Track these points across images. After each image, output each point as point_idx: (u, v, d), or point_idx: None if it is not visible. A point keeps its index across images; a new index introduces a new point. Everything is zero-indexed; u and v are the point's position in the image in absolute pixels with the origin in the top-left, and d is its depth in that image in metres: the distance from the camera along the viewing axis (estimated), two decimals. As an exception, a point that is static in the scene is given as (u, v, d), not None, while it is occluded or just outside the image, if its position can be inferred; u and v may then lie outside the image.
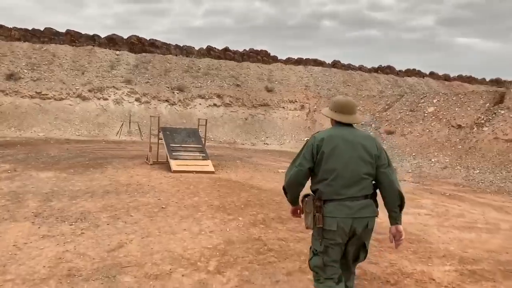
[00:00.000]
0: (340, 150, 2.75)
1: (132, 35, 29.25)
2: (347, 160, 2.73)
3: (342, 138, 2.79)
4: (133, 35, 29.44)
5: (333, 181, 2.72)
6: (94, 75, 23.37)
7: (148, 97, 22.94)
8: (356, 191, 2.72)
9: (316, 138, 2.82)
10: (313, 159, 2.78)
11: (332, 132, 2.86)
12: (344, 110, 2.89)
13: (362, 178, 2.73)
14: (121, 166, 10.94)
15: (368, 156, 2.76)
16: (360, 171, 2.73)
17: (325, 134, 2.83)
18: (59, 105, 21.21)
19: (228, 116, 23.44)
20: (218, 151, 16.60)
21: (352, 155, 2.74)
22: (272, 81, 26.75)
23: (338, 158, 2.74)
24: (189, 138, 11.74)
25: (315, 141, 2.80)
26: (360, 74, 31.07)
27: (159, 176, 9.72)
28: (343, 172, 2.72)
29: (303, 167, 2.79)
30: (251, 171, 11.58)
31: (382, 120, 19.83)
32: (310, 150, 2.80)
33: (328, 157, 2.74)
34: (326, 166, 2.74)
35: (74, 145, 15.31)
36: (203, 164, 10.92)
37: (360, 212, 2.71)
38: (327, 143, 2.76)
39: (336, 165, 2.73)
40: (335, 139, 2.78)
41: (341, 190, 2.71)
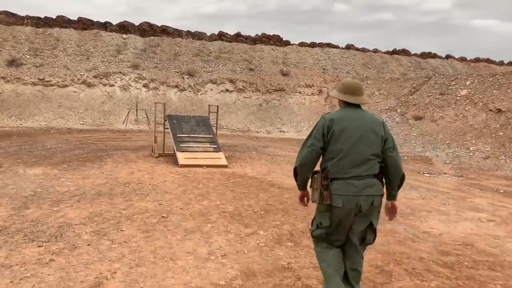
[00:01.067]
0: (349, 131, 2.79)
1: (143, 22, 28.01)
2: (355, 141, 2.78)
3: (351, 119, 2.83)
4: (145, 22, 28.20)
5: (340, 160, 2.78)
6: (99, 60, 22.14)
7: (157, 83, 21.66)
8: (362, 170, 2.77)
9: (326, 119, 2.86)
10: (324, 139, 2.82)
11: (342, 113, 2.89)
12: (352, 92, 2.92)
13: (369, 159, 2.79)
14: (123, 159, 9.70)
15: (376, 137, 2.81)
16: (367, 152, 2.78)
17: (335, 115, 2.87)
18: (62, 92, 20.07)
19: (241, 102, 22.06)
20: (231, 140, 15.28)
21: (360, 136, 2.78)
22: (288, 65, 25.22)
23: (346, 138, 2.78)
24: (199, 127, 10.43)
25: (325, 121, 2.84)
26: (381, 56, 29.31)
27: (163, 171, 8.45)
28: (350, 152, 2.77)
29: (315, 146, 2.82)
30: (268, 163, 10.25)
31: (409, 105, 18.26)
32: (321, 131, 2.83)
33: (337, 137, 2.79)
34: (335, 145, 2.80)
35: (75, 135, 14.14)
36: (215, 156, 9.61)
37: (365, 190, 2.76)
38: (337, 124, 2.80)
39: (344, 145, 2.77)
40: (344, 120, 2.83)
41: (348, 169, 2.77)
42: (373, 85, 22.39)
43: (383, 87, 21.54)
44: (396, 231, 5.10)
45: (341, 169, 2.77)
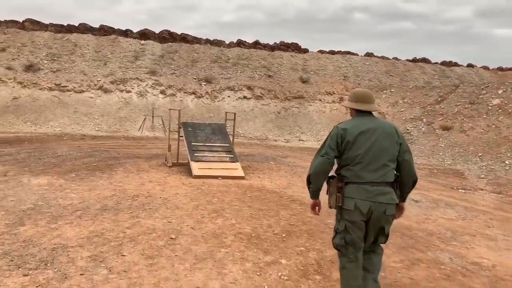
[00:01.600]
0: (362, 138, 2.84)
1: (163, 30, 27.81)
2: (369, 147, 2.83)
3: (364, 127, 2.88)
4: (165, 30, 28.01)
5: (354, 166, 2.83)
6: (117, 66, 21.89)
7: (174, 89, 21.26)
8: (377, 176, 2.81)
9: (339, 128, 2.93)
10: (337, 148, 2.89)
11: (354, 122, 2.97)
12: (363, 100, 3.00)
13: (384, 165, 2.83)
14: (135, 168, 9.17)
15: (390, 143, 2.86)
16: (383, 158, 2.83)
17: (348, 125, 2.94)
18: (79, 97, 19.81)
19: (259, 110, 21.47)
20: (248, 149, 14.67)
21: (374, 142, 2.83)
22: (307, 71, 24.58)
23: (360, 145, 2.84)
24: (215, 135, 9.84)
25: (339, 131, 2.91)
26: (404, 64, 28.42)
27: (176, 183, 7.87)
28: (364, 158, 2.82)
29: (329, 155, 2.88)
30: (288, 175, 9.59)
31: (435, 114, 17.38)
32: (334, 140, 2.89)
33: (351, 145, 2.85)
34: (350, 153, 2.86)
35: (89, 142, 13.73)
36: (231, 167, 9.00)
37: (378, 197, 2.79)
38: (350, 132, 2.87)
39: (358, 151, 2.83)
40: (357, 128, 2.88)
41: (362, 174, 2.81)
42: (397, 93, 21.55)
43: (407, 96, 20.69)
44: (440, 261, 4.38)
45: (356, 174, 2.84)
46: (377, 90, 23.08)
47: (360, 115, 3.01)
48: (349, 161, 2.87)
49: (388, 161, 2.84)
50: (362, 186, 2.81)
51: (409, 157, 2.93)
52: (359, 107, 3.00)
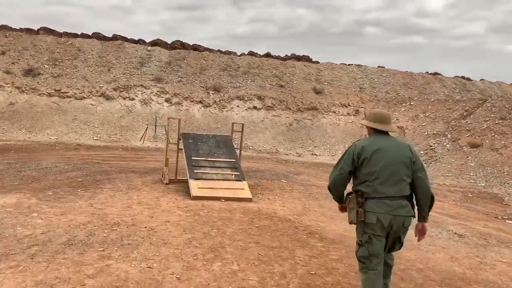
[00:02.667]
0: (379, 155, 3.00)
1: (175, 40, 26.70)
2: (385, 164, 2.98)
3: (381, 145, 3.06)
4: (177, 40, 26.89)
5: (373, 182, 2.98)
6: (121, 72, 20.83)
7: (180, 98, 20.10)
8: (394, 191, 2.96)
9: (357, 146, 3.09)
10: (354, 164, 3.05)
11: (371, 140, 3.14)
12: (381, 120, 3.18)
13: (400, 180, 2.98)
14: (125, 186, 7.91)
15: (405, 160, 3.02)
16: (398, 174, 2.98)
17: (365, 143, 3.12)
18: (79, 104, 18.73)
19: (269, 121, 20.20)
20: (257, 163, 13.36)
21: (390, 159, 2.99)
22: (321, 82, 23.32)
23: (377, 162, 2.99)
24: (219, 148, 8.57)
25: (356, 148, 3.07)
26: (422, 76, 27.04)
27: (170, 206, 6.58)
28: (382, 174, 2.97)
29: (344, 171, 3.07)
30: (303, 197, 8.26)
31: (461, 130, 15.95)
32: (351, 157, 3.06)
33: (368, 162, 3.00)
34: (367, 169, 3.01)
35: (82, 153, 12.54)
36: (236, 187, 7.69)
37: (398, 210, 2.95)
38: (367, 150, 3.03)
39: (375, 167, 2.98)
40: (374, 146, 3.05)
41: (381, 189, 2.96)
42: (417, 107, 20.16)
43: (429, 109, 19.29)
44: None
45: (375, 190, 2.97)
46: (395, 103, 21.73)
47: (377, 134, 3.17)
48: (367, 177, 3.01)
49: (404, 176, 3.00)
50: (382, 200, 2.95)
51: (423, 174, 3.06)
52: (377, 127, 3.15)
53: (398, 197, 2.96)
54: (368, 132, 3.28)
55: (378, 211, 2.94)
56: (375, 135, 3.17)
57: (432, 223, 6.97)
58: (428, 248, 5.50)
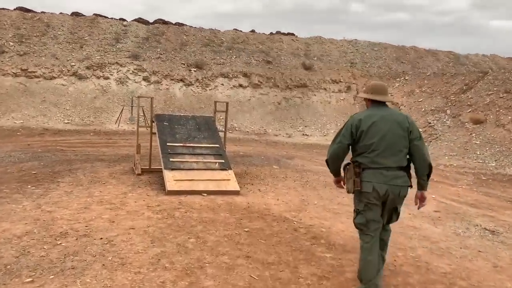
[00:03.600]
0: (377, 127, 3.04)
1: (158, 19, 24.84)
2: (383, 135, 3.03)
3: (378, 117, 3.09)
4: (159, 19, 25.01)
5: (371, 153, 3.03)
6: (94, 49, 19.16)
7: (159, 76, 18.60)
8: (391, 162, 3.02)
9: (354, 119, 3.14)
10: (352, 137, 3.10)
11: (369, 112, 3.17)
12: (379, 91, 3.22)
13: (397, 151, 3.04)
14: (87, 178, 6.63)
15: (402, 131, 3.06)
16: (396, 145, 3.03)
17: (363, 115, 3.15)
18: (48, 85, 17.12)
19: (256, 100, 18.90)
20: (244, 147, 12.14)
21: (387, 130, 3.03)
22: (310, 57, 21.97)
23: (375, 134, 3.03)
24: (199, 132, 7.29)
25: (354, 121, 3.12)
26: (415, 50, 25.86)
27: (138, 204, 5.33)
28: (379, 145, 3.02)
29: (343, 144, 3.12)
30: (299, 186, 7.09)
31: (462, 105, 14.90)
32: (349, 130, 3.11)
33: (366, 134, 3.04)
34: (365, 141, 3.05)
35: (46, 139, 11.14)
36: (221, 177, 6.46)
37: (394, 180, 3.02)
38: (365, 122, 3.07)
39: (373, 139, 3.02)
40: (372, 118, 3.09)
41: (378, 160, 3.01)
42: (412, 82, 19.05)
43: (425, 84, 18.19)
44: None
45: (372, 160, 3.02)
46: (388, 78, 20.57)
47: (375, 106, 3.21)
48: (364, 149, 3.05)
49: (401, 147, 3.04)
50: (378, 171, 3.01)
51: (420, 143, 3.09)
52: (374, 98, 3.20)
53: (395, 167, 3.02)
54: (367, 104, 3.33)
55: (374, 180, 3.01)
56: (373, 107, 3.21)
57: (454, 215, 5.89)
58: (460, 252, 4.39)
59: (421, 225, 5.39)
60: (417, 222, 5.49)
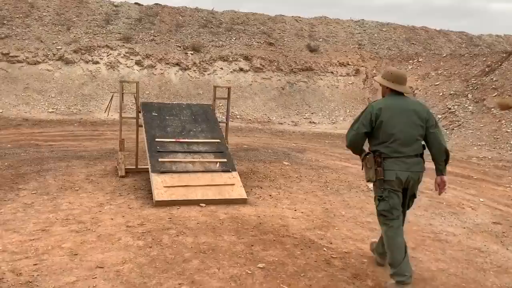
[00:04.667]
0: (397, 117, 3.09)
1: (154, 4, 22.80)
2: (403, 125, 3.08)
3: (397, 107, 3.13)
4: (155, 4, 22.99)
5: (392, 143, 3.07)
6: (83, 31, 17.67)
7: (153, 60, 17.15)
8: (410, 150, 3.09)
9: (374, 107, 3.13)
10: (371, 125, 3.12)
11: (388, 101, 3.19)
12: (399, 81, 3.21)
13: (415, 140, 3.11)
14: (58, 183, 5.33)
15: (420, 120, 3.11)
16: (414, 134, 3.10)
17: (382, 104, 3.16)
18: (32, 70, 15.69)
19: (258, 85, 17.50)
20: (248, 137, 10.83)
21: (407, 121, 3.09)
22: (315, 39, 20.49)
23: (395, 124, 3.07)
24: (196, 124, 5.96)
25: (373, 109, 3.12)
26: (426, 31, 24.35)
27: (115, 223, 4.04)
28: (399, 135, 3.07)
29: (360, 131, 3.14)
30: (319, 190, 5.80)
31: (486, 89, 13.54)
32: (368, 118, 3.12)
33: (386, 124, 3.07)
34: (385, 131, 3.08)
35: (23, 131, 9.80)
36: (223, 181, 5.15)
37: (414, 167, 3.11)
38: (385, 112, 3.09)
39: (393, 130, 3.07)
40: (391, 107, 3.12)
41: (399, 149, 3.07)
42: (427, 64, 17.63)
43: (442, 66, 16.78)
44: None
45: (393, 150, 3.06)
46: (400, 61, 19.14)
47: (394, 95, 3.20)
48: (385, 139, 3.08)
49: (418, 136, 3.10)
50: (400, 159, 3.06)
51: (437, 130, 3.16)
52: (395, 88, 3.18)
53: (413, 155, 3.10)
54: (384, 90, 3.31)
55: (397, 168, 3.05)
56: (392, 95, 3.21)
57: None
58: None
59: (486, 245, 4.12)
60: (479, 241, 4.22)
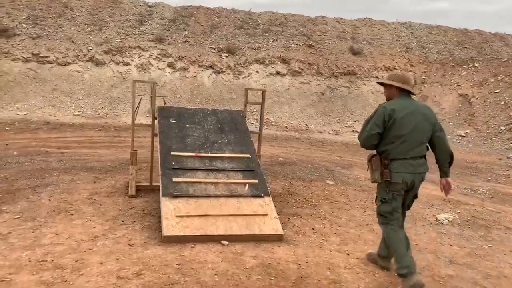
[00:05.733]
0: (408, 119, 3.10)
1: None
2: (413, 128, 3.10)
3: (409, 109, 3.14)
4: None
5: (401, 145, 3.09)
6: (115, 32, 17.08)
7: (185, 62, 16.31)
8: (417, 152, 3.14)
9: (387, 108, 3.12)
10: (384, 125, 3.10)
11: (400, 102, 3.18)
12: (408, 81, 3.30)
13: (422, 142, 3.16)
14: (52, 204, 4.35)
15: (428, 124, 3.16)
16: (422, 137, 3.14)
17: (395, 105, 3.14)
18: (62, 71, 15.17)
19: (296, 90, 16.30)
20: (283, 148, 9.64)
21: (416, 123, 3.12)
22: (359, 41, 19.09)
23: (406, 125, 3.09)
24: (222, 134, 4.85)
25: (387, 110, 3.10)
26: (479, 34, 22.42)
27: (104, 269, 2.96)
28: (409, 137, 3.10)
29: (374, 131, 3.11)
30: (375, 223, 4.53)
31: (559, 97, 11.77)
32: (381, 118, 3.10)
33: (398, 125, 3.08)
34: (395, 132, 3.09)
35: (39, 136, 9.02)
36: (253, 210, 3.99)
37: (419, 169, 3.15)
38: (398, 113, 3.09)
39: (404, 131, 3.08)
40: (404, 109, 3.12)
41: (407, 152, 3.10)
42: (484, 69, 15.90)
43: (502, 72, 15.03)
44: None
45: (400, 151, 3.09)
46: (452, 65, 17.48)
47: (403, 97, 3.22)
48: (394, 140, 3.09)
49: (425, 139, 3.16)
50: (407, 161, 3.09)
51: (442, 134, 3.21)
52: (405, 87, 3.21)
53: (419, 157, 3.12)
54: (391, 93, 3.29)
55: (403, 171, 3.07)
56: (402, 97, 3.21)
57: None
58: None
59: None
60: None
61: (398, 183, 3.07)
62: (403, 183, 3.07)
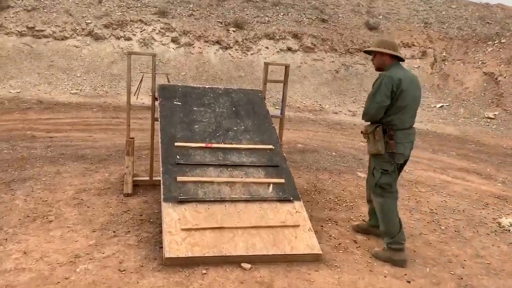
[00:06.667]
0: (411, 89, 3.06)
1: None
2: (413, 97, 3.09)
3: (409, 78, 3.12)
4: None
5: (404, 114, 3.06)
6: (115, 5, 15.97)
7: (191, 37, 15.23)
8: (413, 121, 3.16)
9: (394, 78, 2.99)
10: (392, 95, 3.01)
11: (402, 71, 3.09)
12: (397, 48, 3.26)
13: (416, 111, 3.19)
14: (28, 206, 3.49)
15: (419, 92, 3.18)
16: (417, 106, 3.18)
17: (400, 75, 3.03)
18: (59, 46, 14.18)
19: (309, 67, 15.24)
20: (300, 132, 8.71)
21: (415, 92, 3.12)
22: (375, 15, 17.88)
23: (409, 95, 3.04)
24: (237, 118, 3.93)
25: (394, 81, 2.99)
26: (502, 8, 21.09)
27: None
28: (409, 107, 3.08)
29: (384, 103, 3.00)
30: (430, 232, 3.65)
31: None
32: (390, 89, 2.99)
33: (404, 95, 3.01)
34: (400, 102, 3.02)
35: (29, 116, 8.13)
36: (280, 220, 3.10)
37: (413, 136, 3.18)
38: (404, 83, 3.00)
39: (407, 101, 3.04)
40: (407, 78, 3.07)
41: (407, 121, 3.10)
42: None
43: (531, 48, 13.89)
44: None
45: (403, 121, 3.06)
46: (476, 42, 16.34)
47: (398, 65, 3.13)
48: (397, 110, 3.03)
49: (417, 107, 3.18)
50: (406, 131, 3.08)
51: None
52: (399, 55, 3.15)
53: (413, 126, 3.15)
54: (382, 61, 3.18)
55: (405, 141, 3.06)
56: (397, 65, 3.13)
57: None
58: None
59: None
60: None
61: (401, 154, 3.05)
62: (404, 153, 3.07)
